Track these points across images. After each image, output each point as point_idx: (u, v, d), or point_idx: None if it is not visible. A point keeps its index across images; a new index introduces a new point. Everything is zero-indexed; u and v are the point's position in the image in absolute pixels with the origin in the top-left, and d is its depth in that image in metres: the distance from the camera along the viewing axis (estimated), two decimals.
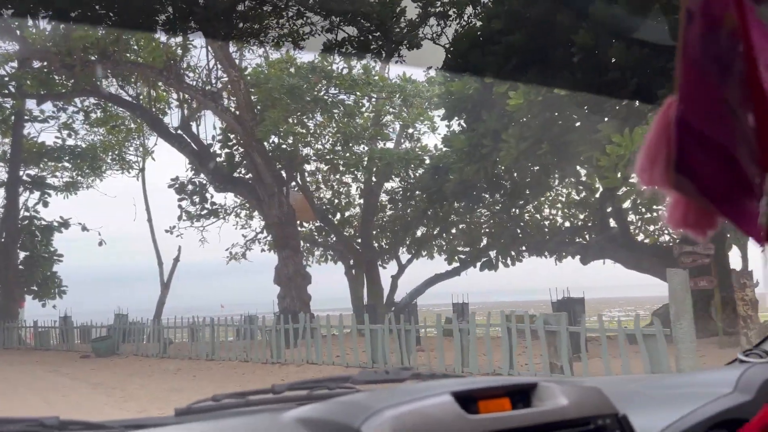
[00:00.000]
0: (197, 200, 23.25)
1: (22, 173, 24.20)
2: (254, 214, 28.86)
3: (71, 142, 24.70)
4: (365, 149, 21.86)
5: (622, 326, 9.32)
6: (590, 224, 21.36)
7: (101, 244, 25.66)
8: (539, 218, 23.55)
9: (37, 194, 24.90)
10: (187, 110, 18.81)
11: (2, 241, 23.66)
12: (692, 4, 0.56)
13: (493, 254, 22.81)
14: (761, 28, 0.54)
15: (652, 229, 20.69)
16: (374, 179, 23.24)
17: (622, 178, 11.68)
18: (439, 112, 25.26)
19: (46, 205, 24.18)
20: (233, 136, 19.02)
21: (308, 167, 22.10)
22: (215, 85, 17.67)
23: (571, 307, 12.08)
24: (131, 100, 19.38)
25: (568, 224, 23.08)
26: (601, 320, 10.24)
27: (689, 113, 0.58)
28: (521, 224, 22.37)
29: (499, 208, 21.67)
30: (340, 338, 12.87)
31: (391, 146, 24.05)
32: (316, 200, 23.74)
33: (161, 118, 19.23)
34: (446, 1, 22.75)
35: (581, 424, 1.24)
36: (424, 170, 21.97)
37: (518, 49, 13.17)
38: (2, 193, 24.87)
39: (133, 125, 26.51)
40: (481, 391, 1.26)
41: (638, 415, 1.34)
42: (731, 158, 0.57)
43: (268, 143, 17.66)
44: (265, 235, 29.24)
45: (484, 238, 23.60)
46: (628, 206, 17.29)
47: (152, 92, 19.72)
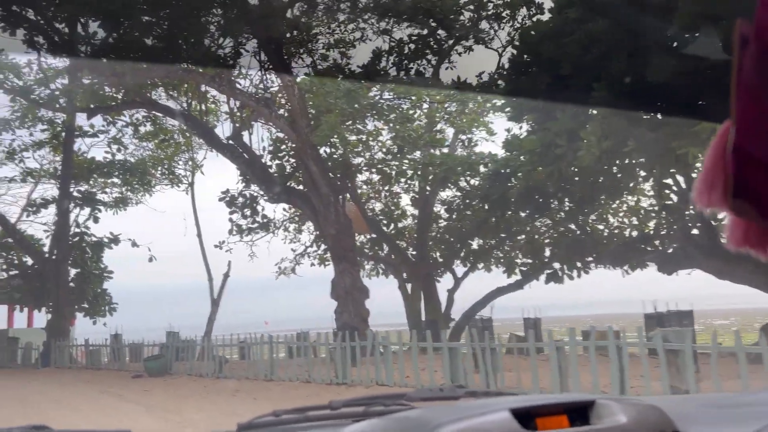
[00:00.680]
0: (248, 213, 22.59)
1: (72, 189, 23.96)
2: (303, 227, 28.24)
3: (120, 156, 24.42)
4: (419, 156, 20.87)
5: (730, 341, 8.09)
6: (666, 231, 19.83)
7: (151, 260, 25.23)
8: (605, 226, 22.11)
9: (87, 210, 24.65)
10: (238, 120, 18.14)
11: (53, 258, 23.39)
12: (746, 29, 0.55)
13: (557, 265, 21.52)
14: None
15: None
16: (429, 188, 22.22)
17: None
18: (495, 118, 24.31)
19: (96, 220, 23.90)
20: (286, 144, 18.27)
21: (360, 177, 21.19)
22: (268, 90, 16.99)
23: (677, 321, 10.70)
24: (182, 110, 18.86)
25: (635, 233, 21.58)
26: (714, 337, 8.92)
27: (745, 138, 0.57)
28: (588, 232, 20.98)
29: (564, 215, 20.33)
30: (400, 356, 11.81)
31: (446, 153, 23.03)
32: (368, 211, 22.83)
33: (212, 128, 18.63)
34: (500, 2, 21.79)
35: None
36: (483, 177, 20.86)
37: (599, 37, 12.03)
38: (53, 209, 24.73)
39: (182, 139, 26.18)
40: (539, 408, 1.27)
41: None
42: None
43: (323, 149, 16.83)
44: (314, 249, 28.54)
45: (547, 248, 22.30)
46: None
47: (203, 105, 19.16)
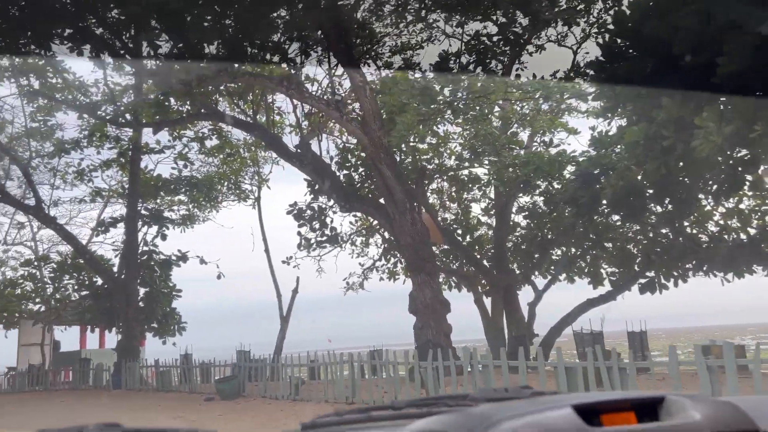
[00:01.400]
0: (317, 226, 21.69)
1: (140, 207, 23.68)
2: (371, 240, 27.21)
3: (187, 172, 24.04)
4: (496, 159, 19.48)
5: None
6: None
7: (219, 277, 24.64)
8: (703, 229, 20.08)
9: (155, 228, 24.32)
10: (306, 126, 17.27)
11: (122, 277, 23.09)
12: None
13: (651, 274, 19.70)
14: None
15: None
16: (506, 193, 20.76)
17: None
18: (572, 118, 22.70)
19: (164, 238, 23.50)
20: (356, 150, 17.27)
21: (432, 185, 19.97)
22: (339, 92, 16.06)
23: None
24: (248, 120, 18.15)
25: (743, 235, 19.48)
26: None
27: None
28: (686, 236, 19.07)
29: (658, 218, 18.52)
30: (487, 374, 10.45)
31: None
32: (440, 220, 21.57)
33: (279, 137, 17.83)
34: None
35: None
36: (568, 179, 19.30)
37: (720, 8, 10.48)
38: (122, 228, 24.52)
39: (247, 153, 25.66)
40: (604, 404, 1.23)
41: None
42: None
43: (398, 152, 15.73)
44: (383, 263, 27.45)
45: (638, 255, 20.48)
46: None
47: (271, 116, 18.41)
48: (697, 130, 11.45)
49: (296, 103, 17.84)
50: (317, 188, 21.14)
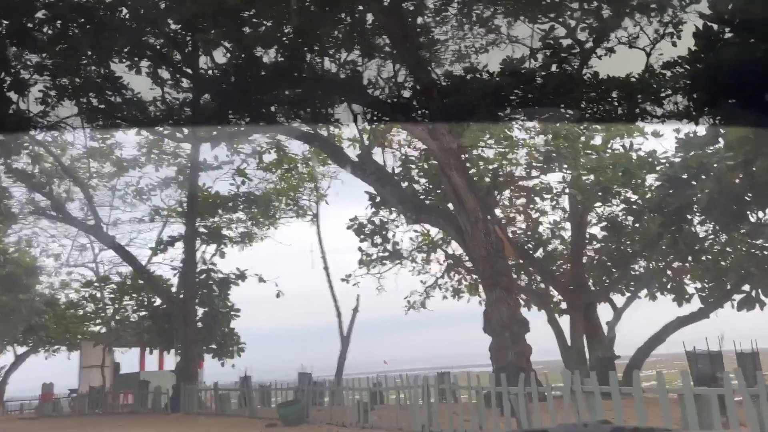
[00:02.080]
0: (378, 241, 20.69)
1: (198, 225, 23.20)
2: (432, 257, 26.00)
3: (245, 189, 23.48)
4: (572, 165, 18.07)
5: None
6: None
7: (278, 295, 23.88)
8: None
9: (213, 246, 23.79)
10: (369, 136, 16.35)
11: (181, 297, 22.54)
12: None
13: (746, 288, 17.85)
14: None
15: None
16: (581, 203, 19.25)
17: None
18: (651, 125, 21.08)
19: (223, 256, 22.93)
20: (421, 158, 16.22)
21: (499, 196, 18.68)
22: (404, 96, 15.07)
23: None
24: (307, 131, 17.38)
25: None
26: None
27: None
28: None
29: (753, 227, 16.71)
30: (574, 401, 9.05)
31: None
32: (510, 233, 20.21)
33: (340, 146, 16.97)
34: None
35: None
36: (652, 186, 17.72)
37: None
38: (180, 246, 24.08)
39: (305, 168, 24.99)
40: None
41: None
42: None
43: (468, 158, 14.60)
44: (446, 280, 26.16)
45: (730, 268, 18.62)
46: None
47: (332, 127, 17.60)
48: None
49: (357, 111, 16.97)
50: (378, 201, 20.18)
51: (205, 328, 23.15)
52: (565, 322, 21.54)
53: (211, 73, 16.83)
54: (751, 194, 14.63)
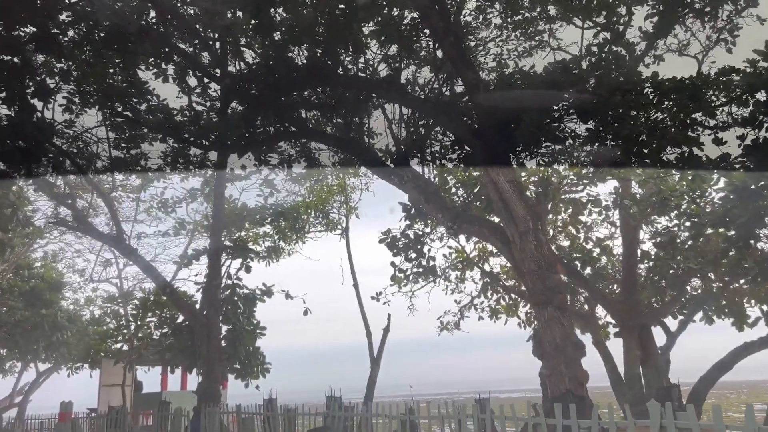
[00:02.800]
0: (413, 255, 19.40)
1: (224, 238, 22.17)
2: (467, 275, 24.61)
3: (272, 201, 22.46)
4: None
5: None
6: None
7: (306, 313, 22.66)
8: None
9: (238, 261, 22.70)
10: (407, 136, 15.15)
11: (204, 313, 21.42)
12: None
13: None
14: None
15: None
16: (634, 216, 17.75)
17: None
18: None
19: (248, 270, 21.77)
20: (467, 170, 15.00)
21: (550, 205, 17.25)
22: (447, 94, 13.86)
23: None
24: (340, 135, 16.28)
25: None
26: None
27: None
28: None
29: None
30: None
31: None
32: (554, 248, 18.77)
33: (376, 152, 15.82)
34: None
35: None
36: (714, 198, 16.21)
37: None
38: (204, 261, 23.07)
39: (335, 180, 23.93)
40: None
41: None
42: None
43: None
44: (481, 300, 24.74)
45: None
46: None
47: (366, 131, 16.46)
48: None
49: (393, 114, 15.86)
50: (413, 213, 18.97)
51: (228, 346, 21.98)
52: (612, 345, 19.98)
53: (239, 76, 15.88)
54: None
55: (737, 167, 15.52)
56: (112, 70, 20.11)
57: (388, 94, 13.67)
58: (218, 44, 17.12)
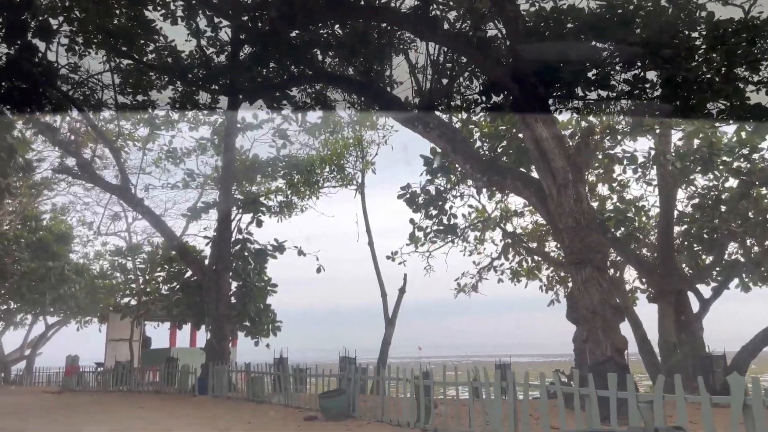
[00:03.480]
0: (433, 212, 18.28)
1: (234, 191, 21.12)
2: (485, 236, 23.52)
3: (285, 152, 21.30)
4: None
5: None
6: None
7: (319, 270, 21.73)
8: None
9: (249, 216, 21.68)
10: (432, 75, 13.82)
11: (213, 268, 20.51)
12: None
13: None
14: None
15: None
16: (673, 174, 16.44)
17: None
18: None
19: (260, 224, 20.77)
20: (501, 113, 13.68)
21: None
22: (481, 27, 12.47)
23: None
24: (360, 78, 14.98)
25: None
26: None
27: None
28: None
29: None
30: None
31: None
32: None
33: (398, 97, 14.55)
34: None
35: None
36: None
37: None
38: (214, 215, 22.10)
39: (350, 133, 22.69)
40: None
41: None
42: None
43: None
44: (501, 262, 23.68)
45: None
46: None
47: (389, 74, 15.12)
48: None
49: (417, 59, 14.52)
50: (435, 167, 17.77)
51: (238, 303, 21.17)
52: (640, 311, 18.96)
53: (252, 9, 14.55)
54: None
55: None
56: (117, 9, 18.87)
57: (415, 28, 12.33)
58: None
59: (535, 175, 13.01)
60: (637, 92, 13.16)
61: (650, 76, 13.89)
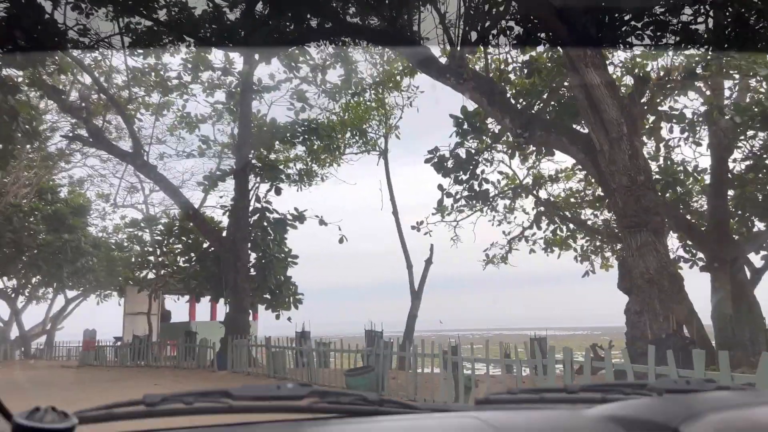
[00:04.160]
0: (463, 177, 17.03)
1: (251, 157, 20.03)
2: (516, 204, 22.23)
3: (304, 116, 20.10)
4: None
5: None
6: None
7: (342, 241, 20.66)
8: None
9: (268, 184, 20.61)
10: (465, 17, 12.47)
11: (232, 239, 19.53)
12: None
13: None
14: None
15: None
16: (728, 131, 14.98)
17: None
18: None
19: (279, 192, 19.71)
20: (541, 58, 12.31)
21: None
22: None
23: None
24: (384, 29, 13.66)
25: None
26: None
27: None
28: None
29: None
30: None
31: None
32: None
33: (428, 48, 13.23)
34: None
35: None
36: None
37: None
38: (231, 184, 21.06)
39: (373, 96, 21.38)
40: None
41: None
42: None
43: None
44: (533, 231, 22.40)
45: None
46: None
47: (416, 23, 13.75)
48: None
49: (448, 5, 13.13)
50: (465, 127, 16.47)
51: (258, 275, 20.23)
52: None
53: None
54: None
55: None
56: None
57: None
58: None
59: (582, 131, 11.71)
60: (696, 35, 11.75)
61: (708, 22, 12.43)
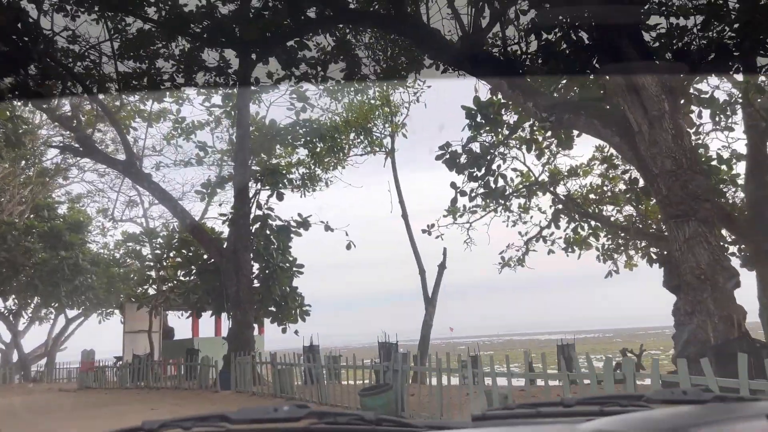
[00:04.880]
0: (477, 173, 15.85)
1: (251, 162, 18.92)
2: (531, 203, 21.02)
3: (305, 116, 18.98)
4: None
5: None
6: None
7: (349, 247, 19.49)
8: None
9: (269, 189, 19.46)
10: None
11: (232, 249, 18.38)
12: None
13: None
14: None
15: None
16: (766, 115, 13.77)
17: None
18: None
19: (281, 197, 18.55)
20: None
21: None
22: None
23: None
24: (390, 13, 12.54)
25: None
26: None
27: None
28: None
29: None
30: None
31: None
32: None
33: (437, 30, 12.08)
34: None
35: None
36: None
37: None
38: (230, 190, 19.93)
39: (376, 94, 20.26)
40: None
41: None
42: None
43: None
44: (551, 231, 21.18)
45: None
46: None
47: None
48: None
49: None
50: (479, 120, 15.31)
51: (261, 286, 19.06)
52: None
53: None
54: None
55: None
56: None
57: None
58: None
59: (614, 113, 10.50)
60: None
61: None
